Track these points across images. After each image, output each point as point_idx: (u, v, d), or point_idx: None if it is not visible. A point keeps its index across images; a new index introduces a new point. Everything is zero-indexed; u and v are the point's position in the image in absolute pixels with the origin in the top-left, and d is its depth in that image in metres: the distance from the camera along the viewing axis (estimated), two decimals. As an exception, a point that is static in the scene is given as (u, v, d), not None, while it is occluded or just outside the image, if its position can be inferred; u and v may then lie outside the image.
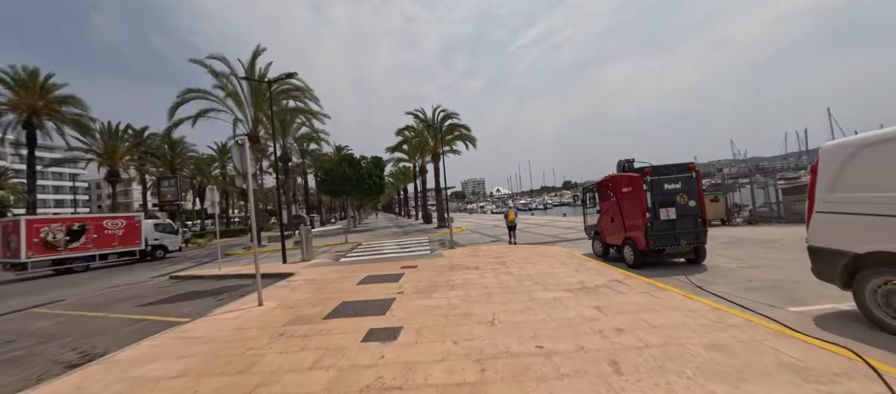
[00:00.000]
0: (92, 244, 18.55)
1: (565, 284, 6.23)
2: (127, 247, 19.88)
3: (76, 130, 29.66)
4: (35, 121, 26.11)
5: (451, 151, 29.22)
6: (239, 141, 6.22)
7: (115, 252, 19.47)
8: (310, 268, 10.74)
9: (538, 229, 18.92)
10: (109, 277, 14.44)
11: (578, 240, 13.47)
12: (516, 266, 8.32)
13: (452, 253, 11.78)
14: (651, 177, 7.30)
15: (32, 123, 26.02)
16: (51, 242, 17.05)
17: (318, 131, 29.83)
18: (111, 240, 19.32)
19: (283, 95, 22.63)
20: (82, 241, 18.21)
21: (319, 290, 7.35)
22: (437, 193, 24.90)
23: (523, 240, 14.84)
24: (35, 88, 26.39)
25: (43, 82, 26.93)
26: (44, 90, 26.88)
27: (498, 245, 13.30)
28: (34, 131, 26.35)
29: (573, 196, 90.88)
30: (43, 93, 26.71)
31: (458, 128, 24.66)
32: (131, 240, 20.10)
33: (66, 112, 27.86)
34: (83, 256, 18.19)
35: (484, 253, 11.08)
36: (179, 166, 43.51)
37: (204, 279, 11.38)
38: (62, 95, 27.92)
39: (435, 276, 7.91)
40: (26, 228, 16.41)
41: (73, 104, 28.43)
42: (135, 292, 10.18)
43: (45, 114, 26.84)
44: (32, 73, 26.72)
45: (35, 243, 16.53)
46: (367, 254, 14.10)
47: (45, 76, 27.25)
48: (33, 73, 26.78)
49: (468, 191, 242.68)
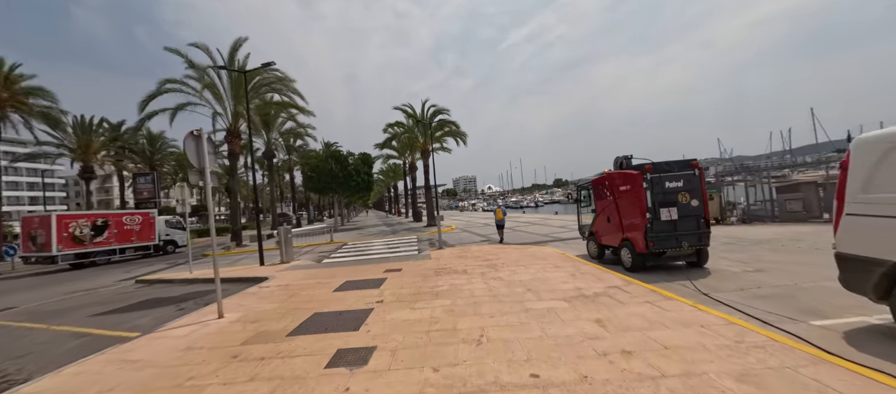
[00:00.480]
0: (113, 239, 19.14)
1: (561, 292, 5.68)
2: (143, 242, 20.41)
3: (46, 123, 28.07)
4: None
5: (442, 149, 28.60)
6: (195, 132, 5.49)
7: (133, 246, 20.01)
8: (287, 271, 10.01)
9: (530, 228, 18.44)
10: (82, 280, 13.43)
11: (571, 240, 13.01)
12: (507, 270, 7.76)
13: (441, 254, 11.18)
14: (651, 174, 6.80)
15: (-5, 115, 24.48)
16: (78, 237, 17.59)
17: (304, 126, 28.88)
18: (130, 235, 19.92)
19: (266, 89, 21.65)
20: (105, 235, 18.78)
21: (291, 297, 6.67)
22: (427, 190, 24.25)
23: (514, 239, 14.33)
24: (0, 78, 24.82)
25: (8, 72, 25.35)
26: (9, 81, 25.31)
27: (488, 246, 12.74)
28: (-2, 124, 24.81)
29: (565, 194, 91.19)
30: (7, 83, 25.15)
31: (449, 124, 24.02)
32: (147, 235, 20.66)
33: (33, 104, 26.31)
34: (105, 250, 18.77)
35: (473, 254, 10.50)
36: (159, 162, 41.84)
37: (172, 284, 10.56)
38: (29, 87, 26.35)
39: (420, 281, 7.29)
40: (57, 224, 16.82)
41: (41, 96, 26.88)
42: (94, 299, 9.31)
43: (10, 106, 25.30)
44: (-4, 62, 25.14)
45: (64, 238, 17.01)
46: (352, 255, 13.40)
47: (10, 66, 25.66)
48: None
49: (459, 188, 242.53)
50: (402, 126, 24.27)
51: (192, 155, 5.45)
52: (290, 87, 21.71)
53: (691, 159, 6.98)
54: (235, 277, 9.84)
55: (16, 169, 69.15)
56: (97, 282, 12.83)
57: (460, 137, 24.41)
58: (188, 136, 5.44)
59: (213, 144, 5.84)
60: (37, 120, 26.85)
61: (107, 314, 7.33)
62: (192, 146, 5.45)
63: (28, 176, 76.04)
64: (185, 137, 5.42)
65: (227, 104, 20.54)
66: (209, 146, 5.78)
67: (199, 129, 5.57)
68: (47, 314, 7.92)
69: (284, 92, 21.85)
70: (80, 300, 9.31)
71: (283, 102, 22.04)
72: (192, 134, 5.47)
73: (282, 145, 37.51)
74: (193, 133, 5.48)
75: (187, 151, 5.41)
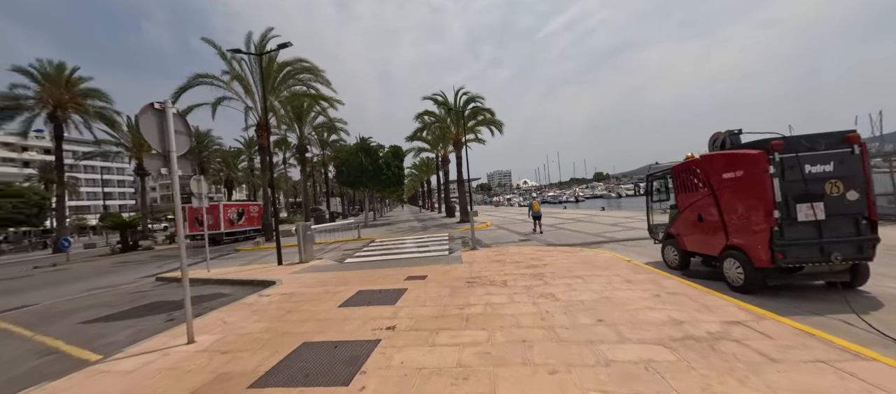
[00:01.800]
0: (245, 222, 24.60)
1: (652, 328, 3.83)
2: (257, 226, 25.04)
3: (103, 123, 29.94)
4: (60, 114, 26.34)
5: (476, 140, 26.75)
6: (156, 104, 4.27)
7: (253, 229, 24.96)
8: (300, 274, 8.89)
9: (575, 226, 16.23)
10: (116, 275, 13.43)
11: (631, 241, 10.80)
12: (560, 283, 5.96)
13: (474, 256, 9.54)
14: (782, 154, 4.67)
15: (58, 116, 26.28)
16: (232, 220, 23.25)
17: (335, 120, 28.37)
18: (253, 220, 25.21)
19: (293, 81, 21.10)
20: (242, 220, 24.44)
21: (287, 314, 5.38)
22: (460, 184, 22.64)
23: (559, 239, 12.33)
24: (61, 82, 26.60)
25: (68, 76, 27.13)
26: (69, 84, 27.09)
27: (529, 247, 10.89)
28: (60, 124, 26.64)
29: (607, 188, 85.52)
30: (68, 86, 26.91)
31: (483, 112, 22.07)
32: (259, 221, 24.89)
33: (90, 105, 28.03)
34: (242, 230, 24.24)
35: (513, 258, 8.74)
36: (207, 160, 43.96)
37: (186, 283, 9.87)
38: (87, 89, 28.09)
39: (447, 296, 5.72)
40: (223, 210, 22.09)
41: (97, 97, 28.58)
42: (102, 300, 8.76)
43: (71, 107, 27.09)
44: (59, 67, 26.95)
45: (225, 220, 22.11)
46: (377, 254, 12.17)
47: (70, 70, 27.47)
48: (60, 67, 27.00)
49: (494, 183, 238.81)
50: (434, 116, 22.71)
51: (151, 135, 4.23)
52: (320, 77, 21.00)
53: (847, 132, 4.71)
54: (244, 279, 8.88)
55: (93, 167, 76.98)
56: (129, 276, 12.70)
57: (495, 126, 22.41)
58: (146, 108, 4.22)
59: (185, 121, 4.57)
60: (94, 120, 28.62)
61: (95, 322, 6.53)
62: (151, 123, 4.24)
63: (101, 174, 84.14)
64: (142, 110, 4.20)
65: (257, 97, 20.22)
66: (180, 124, 4.57)
67: (164, 101, 4.34)
68: (47, 317, 7.35)
69: (312, 83, 21.19)
70: (90, 300, 8.81)
71: (311, 93, 21.38)
72: (153, 107, 4.25)
73: (316, 140, 37.68)
74: (154, 106, 4.26)
75: (144, 129, 4.19)
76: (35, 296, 10.11)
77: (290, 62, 20.24)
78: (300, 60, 20.22)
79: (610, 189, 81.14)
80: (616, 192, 73.96)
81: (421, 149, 32.22)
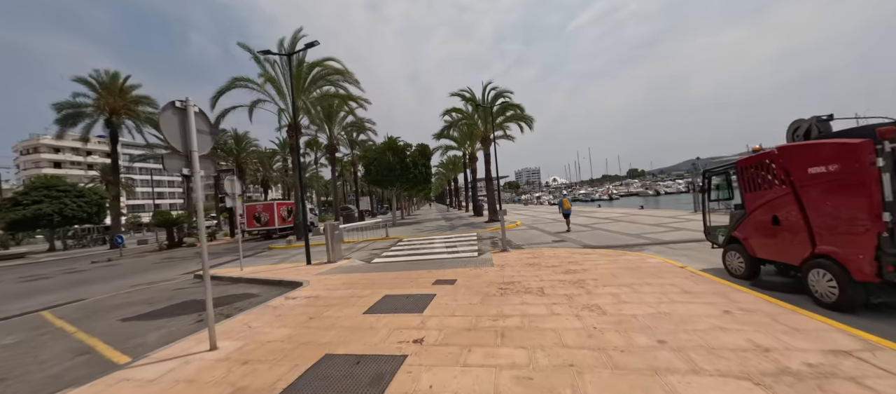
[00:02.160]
0: (291, 219, 25.59)
1: (731, 356, 3.16)
2: None
3: (152, 127, 32.08)
4: (115, 120, 28.43)
5: (505, 137, 25.99)
6: (178, 103, 4.12)
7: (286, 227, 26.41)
8: (328, 275, 8.77)
9: (613, 226, 15.19)
10: (165, 270, 14.16)
11: (678, 243, 9.81)
12: (606, 292, 5.32)
13: (505, 259, 9.01)
14: (894, 143, 3.79)
15: (113, 121, 28.38)
16: (283, 217, 25.01)
17: (363, 120, 28.62)
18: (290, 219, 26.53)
19: (323, 82, 21.38)
20: (291, 217, 25.65)
21: (311, 320, 5.15)
22: (488, 182, 22.04)
23: (597, 240, 11.49)
24: (115, 90, 28.73)
25: (122, 84, 29.25)
26: (123, 91, 29.20)
27: (564, 249, 10.18)
28: (115, 129, 28.76)
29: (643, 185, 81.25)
30: (122, 94, 29.01)
31: (512, 107, 21.30)
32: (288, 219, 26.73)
33: (140, 110, 30.09)
34: (289, 227, 25.29)
35: (549, 262, 8.12)
36: (244, 160, 46.11)
37: (221, 281, 10.08)
38: (138, 95, 30.15)
39: (478, 304, 5.26)
40: (277, 208, 24.48)
41: (147, 103, 30.62)
42: (146, 296, 9.08)
43: (124, 113, 29.20)
44: (113, 76, 29.10)
45: (278, 217, 24.18)
46: (404, 254, 11.93)
47: (123, 78, 29.61)
48: (114, 76, 29.15)
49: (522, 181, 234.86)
50: (461, 113, 22.23)
51: (172, 134, 4.09)
52: (349, 76, 21.14)
53: None
54: (273, 279, 8.88)
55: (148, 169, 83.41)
56: (172, 272, 13.28)
57: (525, 122, 21.58)
58: (166, 107, 4.08)
59: (207, 120, 4.41)
60: (144, 124, 30.70)
61: (133, 320, 6.67)
62: (172, 122, 4.10)
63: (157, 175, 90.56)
64: (163, 108, 4.07)
65: (288, 98, 20.69)
66: (203, 123, 4.43)
67: (185, 99, 4.19)
68: (94, 312, 7.67)
69: (341, 83, 21.37)
70: (133, 296, 9.17)
71: (340, 93, 21.58)
72: (173, 105, 4.11)
73: (345, 140, 38.36)
74: (174, 104, 4.12)
75: (165, 128, 4.05)
76: (88, 290, 10.73)
77: (319, 62, 20.51)
78: (329, 60, 20.44)
79: (647, 186, 76.95)
80: (654, 189, 69.98)
81: (448, 147, 31.85)
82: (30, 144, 76.08)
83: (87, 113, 27.68)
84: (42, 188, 34.17)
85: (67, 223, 34.15)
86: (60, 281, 13.61)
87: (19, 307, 8.93)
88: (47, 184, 35.19)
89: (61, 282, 13.33)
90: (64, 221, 33.42)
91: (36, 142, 75.42)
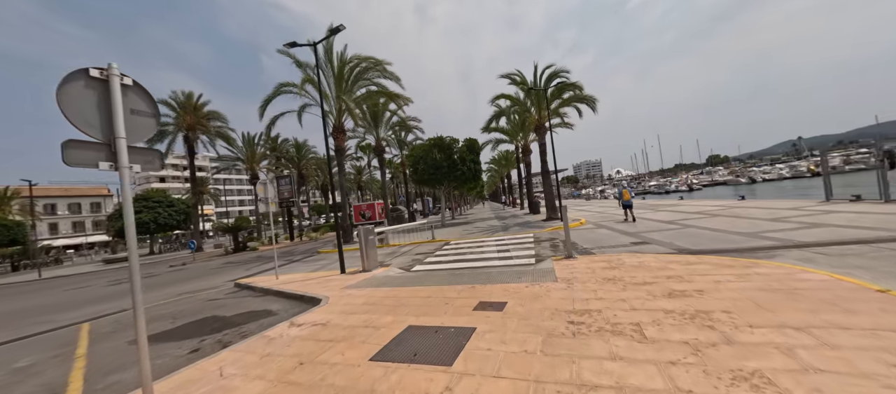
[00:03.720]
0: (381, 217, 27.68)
1: None
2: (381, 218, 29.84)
3: (223, 140, 34.91)
4: (191, 135, 31.22)
5: (562, 125, 23.10)
6: (95, 72, 2.91)
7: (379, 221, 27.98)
8: (355, 288, 7.49)
9: (710, 223, 11.95)
10: (221, 274, 14.45)
11: (827, 246, 6.78)
12: (763, 341, 3.09)
13: (572, 268, 6.90)
14: None
15: (190, 137, 31.19)
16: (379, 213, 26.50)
17: (407, 118, 27.77)
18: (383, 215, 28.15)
19: (364, 81, 20.75)
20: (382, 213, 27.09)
21: (297, 369, 3.72)
22: (545, 175, 19.54)
23: (694, 243, 8.71)
24: (190, 107, 31.58)
25: (195, 102, 32.12)
26: (196, 108, 32.03)
27: (652, 256, 7.68)
28: (192, 144, 31.61)
29: (732, 173, 70.08)
30: (196, 111, 31.81)
31: (570, 87, 18.44)
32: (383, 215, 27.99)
33: (211, 126, 32.78)
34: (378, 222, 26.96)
35: (635, 274, 5.86)
36: (305, 166, 48.69)
37: (251, 293, 9.44)
38: (209, 111, 32.91)
39: (538, 354, 3.40)
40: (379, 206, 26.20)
41: (216, 118, 33.33)
42: (182, 307, 8.70)
43: (198, 128, 32.01)
44: (188, 95, 31.99)
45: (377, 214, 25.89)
46: (449, 260, 10.37)
47: (197, 96, 32.52)
48: (189, 95, 32.04)
49: (581, 174, 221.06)
50: (511, 99, 19.96)
51: (82, 114, 2.89)
52: (388, 72, 20.25)
53: None
54: (297, 292, 7.84)
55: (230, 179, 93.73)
56: (224, 277, 13.33)
57: (586, 103, 18.52)
58: (75, 76, 2.89)
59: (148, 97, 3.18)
60: (216, 138, 33.42)
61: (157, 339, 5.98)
62: (83, 99, 2.91)
63: (236, 184, 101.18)
64: (65, 80, 2.89)
65: (332, 100, 20.42)
66: (141, 101, 3.23)
67: (108, 65, 2.99)
68: (123, 327, 7.28)
69: (380, 80, 20.55)
70: (168, 308, 8.83)
71: (383, 90, 20.77)
72: (88, 75, 2.92)
73: (394, 141, 38.16)
74: (89, 73, 2.92)
75: (68, 106, 2.87)
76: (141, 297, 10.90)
77: (363, 58, 19.82)
78: (368, 58, 19.69)
79: (737, 173, 65.94)
80: (746, 176, 59.52)
81: (498, 140, 29.71)
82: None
83: (169, 131, 30.75)
84: (141, 200, 39.29)
85: (161, 230, 38.82)
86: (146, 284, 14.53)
87: (73, 317, 9.09)
88: (146, 195, 40.43)
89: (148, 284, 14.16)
90: (158, 227, 38.03)
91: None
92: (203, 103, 32.32)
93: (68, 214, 67.09)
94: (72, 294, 14.17)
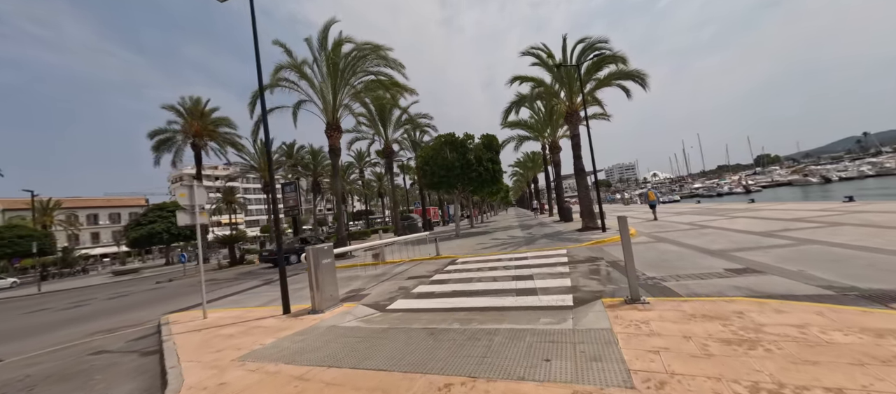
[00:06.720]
0: None
1: None
2: None
3: (232, 147, 33.69)
4: (198, 142, 30.06)
5: (600, 116, 19.22)
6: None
7: None
8: (269, 354, 4.43)
9: (830, 235, 7.93)
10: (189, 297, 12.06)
11: None
12: None
13: (651, 338, 3.48)
14: None
15: (197, 144, 30.04)
16: None
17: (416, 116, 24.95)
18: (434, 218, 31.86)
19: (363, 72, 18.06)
20: None
21: None
22: (579, 176, 15.86)
23: (840, 274, 4.91)
24: (198, 113, 30.51)
25: (202, 108, 31.04)
26: (204, 115, 30.94)
27: (806, 307, 4.07)
28: (199, 151, 30.45)
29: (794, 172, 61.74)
30: (203, 117, 30.71)
31: (611, 60, 14.57)
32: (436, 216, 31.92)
33: (220, 132, 31.58)
34: None
35: (791, 357, 2.39)
36: (320, 174, 47.18)
37: (144, 346, 6.66)
38: (217, 118, 31.78)
39: None
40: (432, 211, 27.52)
41: (225, 124, 32.12)
42: (52, 365, 6.05)
43: (206, 135, 30.87)
44: (196, 101, 30.99)
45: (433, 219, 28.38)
46: (447, 289, 7.19)
47: (205, 102, 31.48)
48: (197, 101, 31.03)
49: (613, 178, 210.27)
50: (536, 82, 16.33)
51: None
52: (389, 60, 17.45)
53: None
54: (161, 366, 4.89)
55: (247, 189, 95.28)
56: (172, 305, 10.85)
57: (634, 80, 14.52)
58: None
59: None
60: (223, 145, 32.18)
61: None
62: None
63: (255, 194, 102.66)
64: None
65: (328, 94, 17.88)
66: None
67: None
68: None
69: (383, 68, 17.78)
70: (50, 362, 6.21)
71: (379, 80, 17.98)
72: None
73: (408, 144, 35.52)
74: None
75: None
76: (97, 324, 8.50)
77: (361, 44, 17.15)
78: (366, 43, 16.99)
79: (806, 173, 57.21)
80: (818, 175, 51.28)
81: (522, 138, 26.15)
82: (176, 175, 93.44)
83: (176, 139, 29.76)
84: (156, 210, 38.99)
85: (175, 240, 38.23)
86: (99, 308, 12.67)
87: None
88: (162, 205, 40.18)
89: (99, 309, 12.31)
90: (171, 238, 37.42)
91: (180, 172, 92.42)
92: (211, 110, 31.22)
93: (109, 223, 70.05)
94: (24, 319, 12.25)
